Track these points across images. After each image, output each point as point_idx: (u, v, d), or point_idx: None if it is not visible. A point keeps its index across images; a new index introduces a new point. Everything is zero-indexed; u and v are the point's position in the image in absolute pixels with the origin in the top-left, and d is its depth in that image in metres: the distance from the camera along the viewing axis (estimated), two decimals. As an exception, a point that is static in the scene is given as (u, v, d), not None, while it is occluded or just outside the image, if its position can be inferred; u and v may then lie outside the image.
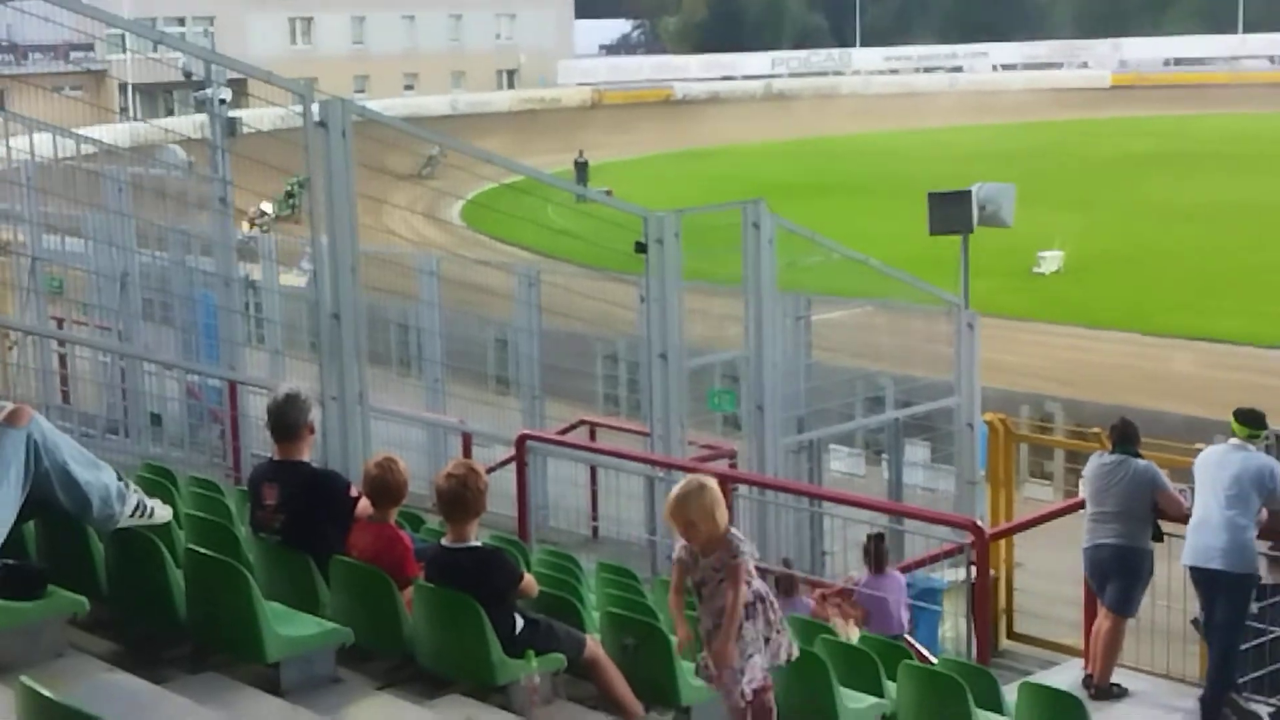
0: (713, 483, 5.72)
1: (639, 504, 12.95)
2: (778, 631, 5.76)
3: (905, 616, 10.55)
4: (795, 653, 6.02)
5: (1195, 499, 9.00)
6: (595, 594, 7.99)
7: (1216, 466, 8.94)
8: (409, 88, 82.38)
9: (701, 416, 14.15)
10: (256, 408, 11.94)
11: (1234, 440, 9.03)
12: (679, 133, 71.67)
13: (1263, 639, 9.33)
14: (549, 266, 21.40)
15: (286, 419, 6.42)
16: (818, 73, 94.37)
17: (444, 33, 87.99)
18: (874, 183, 50.92)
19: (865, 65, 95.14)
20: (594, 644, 6.28)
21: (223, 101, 13.49)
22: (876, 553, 10.67)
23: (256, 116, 13.69)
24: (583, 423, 15.87)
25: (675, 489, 5.76)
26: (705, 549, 5.69)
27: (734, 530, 5.72)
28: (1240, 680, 9.04)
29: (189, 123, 17.75)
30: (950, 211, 18.37)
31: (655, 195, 37.10)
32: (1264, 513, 8.88)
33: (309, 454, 6.58)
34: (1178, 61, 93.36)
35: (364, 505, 6.38)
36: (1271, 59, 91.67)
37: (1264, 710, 8.80)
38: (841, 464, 17.31)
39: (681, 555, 5.80)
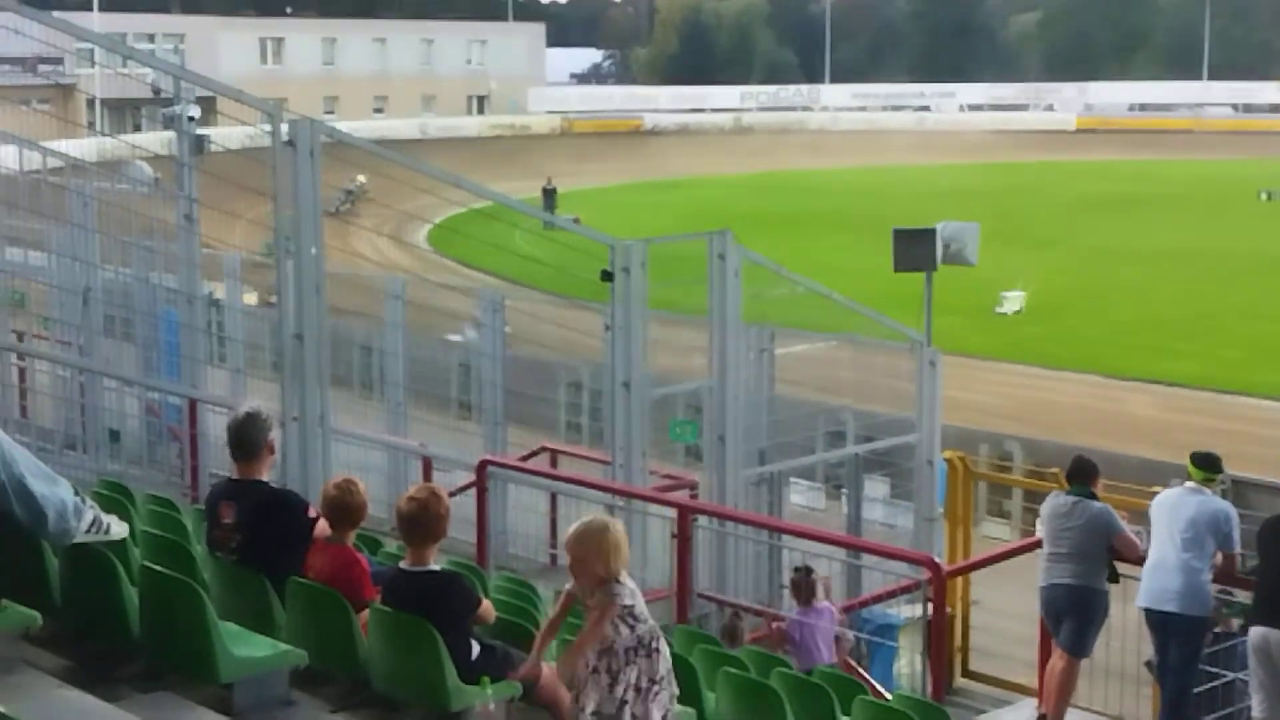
0: (617, 526, 5.64)
1: (599, 533, 12.88)
2: (656, 682, 5.57)
3: (831, 649, 10.50)
4: None
5: (1151, 541, 9.06)
6: (552, 622, 7.95)
7: (1172, 509, 9.01)
8: (379, 110, 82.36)
9: (663, 446, 14.15)
10: (216, 426, 11.88)
11: (1190, 483, 9.10)
12: (647, 163, 71.90)
13: (1215, 683, 9.38)
14: (514, 292, 21.40)
15: (246, 437, 6.40)
16: (786, 108, 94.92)
17: (415, 57, 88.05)
18: (840, 218, 51.17)
19: (833, 102, 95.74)
20: (550, 672, 6.26)
21: (191, 119, 13.44)
22: (803, 586, 10.65)
23: (225, 135, 13.66)
24: (544, 449, 15.85)
25: (577, 524, 5.70)
26: (593, 588, 5.60)
27: (624, 579, 5.59)
28: (1192, 723, 9.10)
29: (156, 139, 17.67)
30: (915, 249, 18.47)
31: (623, 224, 37.20)
32: (1219, 556, 8.95)
33: (268, 474, 6.55)
34: (1143, 107, 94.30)
35: (322, 526, 6.36)
36: (1235, 106, 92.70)
37: (1215, 753, 8.85)
38: (801, 497, 17.36)
39: (572, 589, 5.73)
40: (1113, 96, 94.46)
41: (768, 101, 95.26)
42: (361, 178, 33.94)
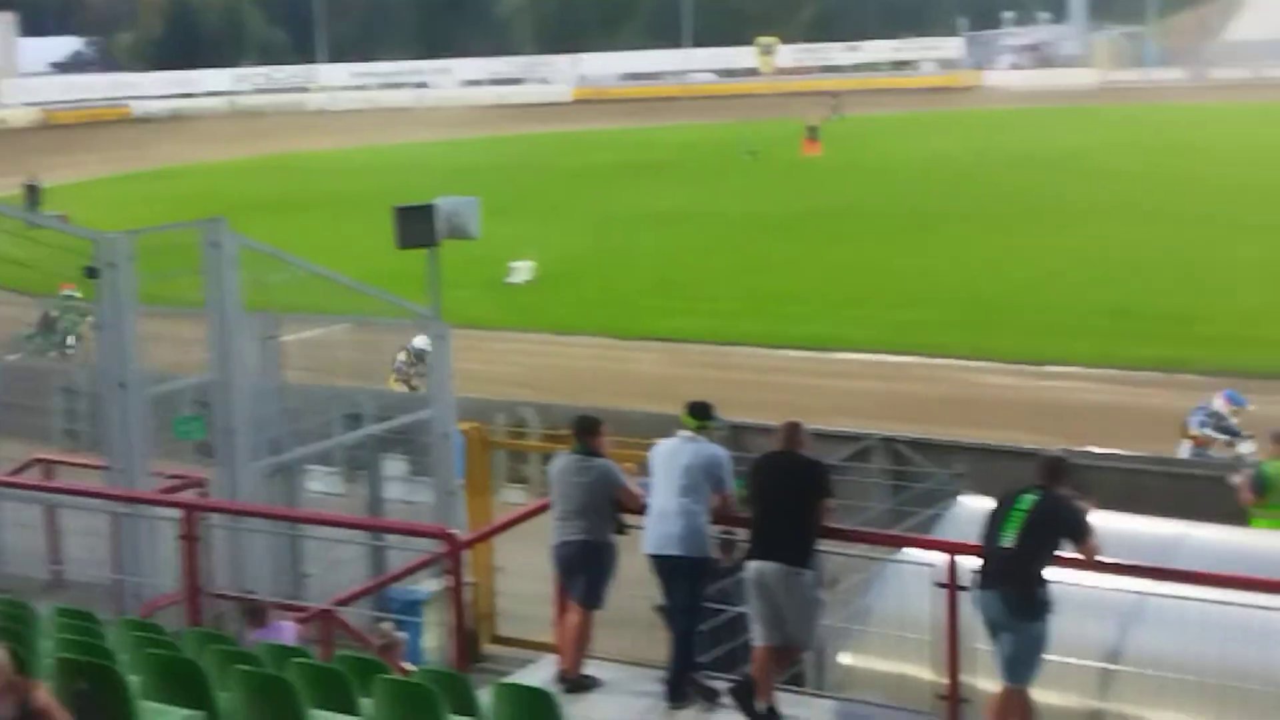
0: None
1: (106, 542, 12.37)
2: None
3: None
4: None
5: (653, 490, 9.44)
6: (52, 640, 7.54)
7: (670, 458, 9.43)
8: None
9: (173, 445, 13.63)
10: None
11: (685, 433, 9.54)
12: (139, 152, 68.97)
13: (720, 619, 9.89)
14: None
15: None
16: (282, 89, 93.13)
17: None
18: (345, 199, 50.65)
19: (331, 81, 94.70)
20: (43, 693, 5.91)
21: None
22: (250, 610, 10.34)
23: None
24: (37, 461, 14.95)
25: None
26: None
27: None
28: (701, 660, 9.56)
29: None
30: (416, 225, 18.37)
31: (117, 218, 35.47)
32: (716, 499, 9.44)
33: None
34: (634, 76, 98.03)
35: None
36: (717, 71, 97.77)
37: (723, 686, 9.32)
38: (320, 484, 17.09)
39: None
40: (604, 67, 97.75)
41: (263, 83, 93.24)
42: None
